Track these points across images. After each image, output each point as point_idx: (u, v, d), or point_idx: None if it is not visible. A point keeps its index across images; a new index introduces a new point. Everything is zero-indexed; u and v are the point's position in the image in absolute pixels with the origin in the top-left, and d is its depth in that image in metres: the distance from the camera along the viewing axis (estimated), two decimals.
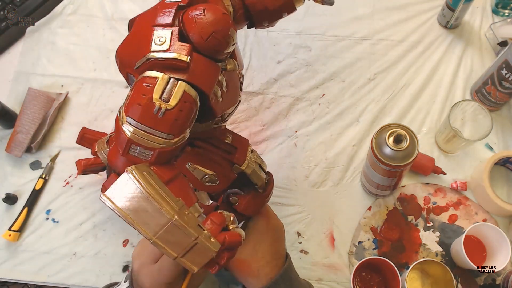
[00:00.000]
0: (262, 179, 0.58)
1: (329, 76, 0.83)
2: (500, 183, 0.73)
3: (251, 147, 0.58)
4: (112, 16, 0.91)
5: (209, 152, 0.54)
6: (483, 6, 0.87)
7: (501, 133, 0.77)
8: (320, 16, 0.89)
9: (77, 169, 0.70)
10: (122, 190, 0.37)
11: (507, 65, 0.67)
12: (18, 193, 0.78)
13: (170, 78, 0.41)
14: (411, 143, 0.58)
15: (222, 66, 0.47)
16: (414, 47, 0.85)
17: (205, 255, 0.39)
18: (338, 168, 0.77)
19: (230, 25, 0.43)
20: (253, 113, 0.82)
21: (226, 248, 0.41)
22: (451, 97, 0.80)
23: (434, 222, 0.72)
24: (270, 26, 0.59)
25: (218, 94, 0.47)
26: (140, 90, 0.40)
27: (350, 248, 0.72)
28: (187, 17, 0.43)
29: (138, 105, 0.40)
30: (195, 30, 0.42)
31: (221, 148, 0.55)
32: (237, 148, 0.56)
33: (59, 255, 0.74)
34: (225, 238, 0.41)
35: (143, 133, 0.40)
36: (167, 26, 0.43)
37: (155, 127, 0.40)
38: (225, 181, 0.55)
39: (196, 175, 0.53)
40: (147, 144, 0.41)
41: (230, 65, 0.48)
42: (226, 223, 0.44)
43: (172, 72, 0.41)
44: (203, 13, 0.42)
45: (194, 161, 0.53)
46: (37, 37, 0.90)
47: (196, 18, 0.42)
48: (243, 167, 0.55)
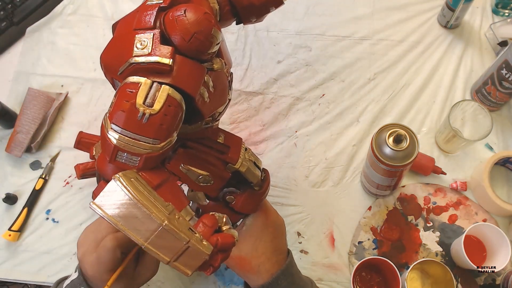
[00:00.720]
0: (258, 177, 0.58)
1: (329, 76, 0.83)
2: (500, 183, 0.73)
3: (245, 145, 0.58)
4: (112, 16, 0.91)
5: (201, 153, 0.54)
6: (483, 6, 0.87)
7: (501, 133, 0.77)
8: (320, 16, 0.89)
9: (76, 173, 0.70)
10: (111, 197, 0.37)
11: (507, 65, 0.67)
12: (18, 193, 0.78)
13: (153, 82, 0.40)
14: (411, 143, 0.58)
15: (208, 66, 0.46)
16: (414, 47, 0.85)
17: (198, 258, 0.39)
18: (338, 168, 0.77)
19: (213, 24, 0.43)
20: (253, 113, 0.82)
21: (219, 250, 0.41)
22: (451, 97, 0.80)
23: (434, 222, 0.72)
24: (258, 21, 0.58)
25: (205, 95, 0.46)
26: (123, 96, 0.40)
27: (350, 248, 0.72)
28: (168, 19, 0.42)
29: (122, 112, 0.39)
30: (177, 32, 0.42)
31: (214, 148, 0.54)
32: (230, 147, 0.55)
33: (59, 255, 0.74)
34: (217, 240, 0.41)
35: (128, 140, 0.40)
36: (149, 29, 0.42)
37: (140, 133, 0.40)
38: (219, 180, 0.55)
39: (190, 176, 0.53)
40: (133, 150, 0.40)
41: (217, 64, 0.48)
42: (219, 225, 0.44)
43: (156, 76, 0.41)
44: (184, 14, 0.42)
45: (187, 163, 0.52)
46: (37, 37, 0.90)
47: (177, 19, 0.42)
48: (237, 166, 0.55)
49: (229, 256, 0.43)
